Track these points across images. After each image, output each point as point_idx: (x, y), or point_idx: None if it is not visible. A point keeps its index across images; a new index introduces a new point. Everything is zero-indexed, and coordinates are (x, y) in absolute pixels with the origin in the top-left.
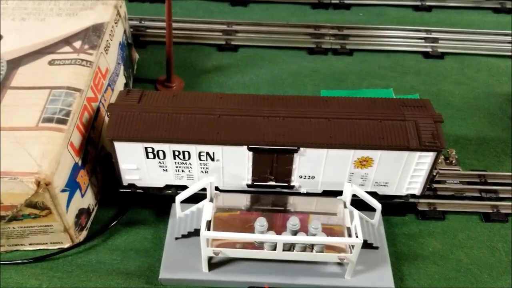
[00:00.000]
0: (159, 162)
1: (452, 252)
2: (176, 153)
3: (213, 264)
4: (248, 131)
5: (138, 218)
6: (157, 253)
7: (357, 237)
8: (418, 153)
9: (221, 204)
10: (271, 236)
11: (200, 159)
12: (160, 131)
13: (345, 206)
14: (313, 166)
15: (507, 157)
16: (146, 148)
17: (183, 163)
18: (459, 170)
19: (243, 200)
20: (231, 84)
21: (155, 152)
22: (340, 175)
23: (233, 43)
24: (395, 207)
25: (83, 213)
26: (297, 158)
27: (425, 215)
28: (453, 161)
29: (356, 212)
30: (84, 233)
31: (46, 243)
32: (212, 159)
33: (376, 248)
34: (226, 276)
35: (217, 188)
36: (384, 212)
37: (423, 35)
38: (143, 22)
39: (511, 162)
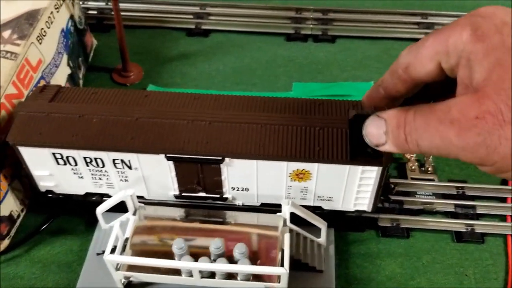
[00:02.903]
0: (72, 169)
1: (412, 278)
2: (88, 160)
3: (133, 286)
4: (167, 137)
5: (67, 227)
6: (80, 268)
7: (283, 266)
8: (360, 167)
9: (144, 220)
10: (182, 263)
11: (116, 167)
12: (67, 135)
13: (285, 224)
14: (245, 177)
15: None
16: (54, 154)
17: (98, 170)
18: (434, 180)
19: (170, 214)
20: (195, 74)
21: (65, 159)
22: (277, 188)
23: (204, 27)
24: (350, 222)
25: (2, 221)
26: (224, 168)
27: (386, 232)
28: (429, 169)
29: (287, 236)
30: (6, 242)
31: None
32: (130, 167)
33: (320, 271)
34: None
35: (143, 198)
36: (338, 227)
37: (418, 19)
38: (109, 4)
39: None
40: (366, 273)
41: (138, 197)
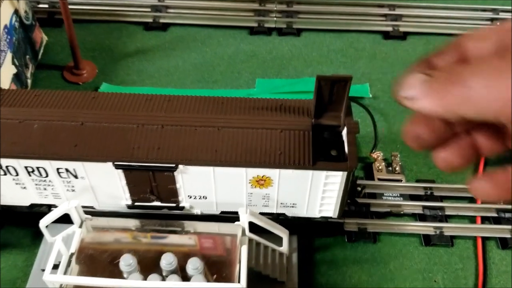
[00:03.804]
0: (14, 179)
1: (379, 286)
2: (30, 169)
3: None
4: (115, 143)
5: (11, 240)
6: (24, 285)
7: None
8: (324, 172)
9: (92, 232)
10: (129, 282)
11: (61, 177)
12: (6, 143)
13: (243, 234)
14: (202, 185)
15: None
16: None
17: (42, 180)
18: (401, 180)
19: (122, 225)
20: (152, 71)
21: (5, 168)
22: (237, 196)
23: (162, 21)
24: (316, 227)
25: None
26: (179, 176)
27: (352, 237)
28: (397, 169)
29: (244, 248)
30: None
31: None
32: (76, 177)
33: (282, 283)
34: None
35: (92, 209)
36: (303, 234)
37: (385, 11)
38: None
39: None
40: (331, 282)
41: (87, 207)
